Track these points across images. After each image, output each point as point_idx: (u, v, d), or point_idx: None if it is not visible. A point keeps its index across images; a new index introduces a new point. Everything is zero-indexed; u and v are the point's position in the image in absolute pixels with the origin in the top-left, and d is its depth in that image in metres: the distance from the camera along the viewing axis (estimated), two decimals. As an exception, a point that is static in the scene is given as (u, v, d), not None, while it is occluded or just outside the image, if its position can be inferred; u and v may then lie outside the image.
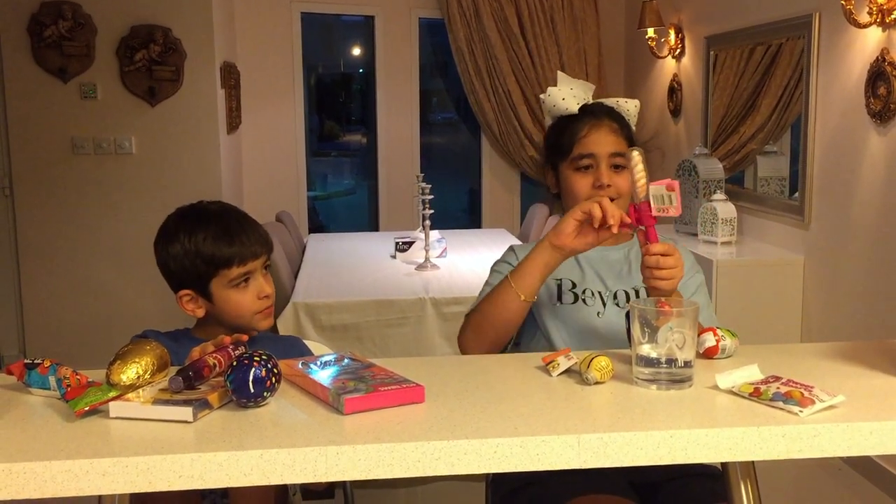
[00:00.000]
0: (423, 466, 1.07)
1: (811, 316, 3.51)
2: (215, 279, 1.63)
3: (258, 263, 1.66)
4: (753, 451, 1.12)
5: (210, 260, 1.62)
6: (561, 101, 1.77)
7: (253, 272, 1.66)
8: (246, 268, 1.64)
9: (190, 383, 1.21)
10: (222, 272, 1.62)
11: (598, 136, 1.71)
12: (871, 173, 3.09)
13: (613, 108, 1.79)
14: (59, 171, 4.23)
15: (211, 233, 1.63)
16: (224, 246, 1.62)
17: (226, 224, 1.65)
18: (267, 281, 1.68)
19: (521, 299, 1.59)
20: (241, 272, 1.63)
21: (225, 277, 1.63)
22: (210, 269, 1.63)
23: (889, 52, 2.91)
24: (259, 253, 1.66)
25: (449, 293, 3.31)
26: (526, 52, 5.28)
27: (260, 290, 1.65)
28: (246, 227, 1.67)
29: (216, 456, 1.04)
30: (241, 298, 1.64)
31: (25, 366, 1.26)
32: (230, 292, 1.64)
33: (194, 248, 1.62)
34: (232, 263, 1.62)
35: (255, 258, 1.65)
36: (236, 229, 1.65)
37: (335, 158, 6.48)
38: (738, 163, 4.21)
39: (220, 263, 1.62)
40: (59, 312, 4.32)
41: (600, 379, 1.29)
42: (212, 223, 1.65)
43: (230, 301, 1.64)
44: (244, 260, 1.63)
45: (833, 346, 1.50)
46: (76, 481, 1.02)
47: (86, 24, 4.14)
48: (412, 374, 1.28)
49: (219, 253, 1.62)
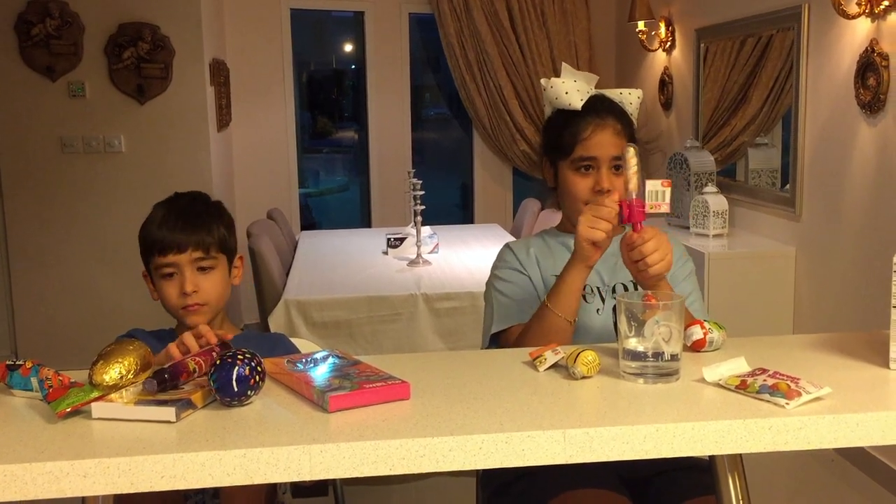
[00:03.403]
0: (408, 464, 1.06)
1: (803, 307, 3.52)
2: (151, 265, 1.65)
3: (184, 258, 1.61)
4: (740, 444, 1.11)
5: (144, 244, 1.64)
6: (564, 95, 1.73)
7: (179, 265, 1.62)
8: (167, 259, 1.61)
9: (164, 385, 1.20)
10: (153, 258, 1.63)
11: (601, 139, 1.69)
12: (861, 164, 3.09)
13: (617, 103, 1.76)
14: (49, 170, 4.21)
15: (156, 217, 1.63)
16: (154, 231, 1.62)
17: (172, 212, 1.64)
18: (197, 280, 1.62)
19: (567, 321, 1.58)
20: (162, 262, 1.61)
21: (154, 264, 1.63)
22: (145, 254, 1.64)
23: (878, 43, 2.91)
24: (183, 247, 1.61)
25: (441, 289, 3.30)
26: (517, 46, 5.26)
27: (181, 286, 1.61)
28: (187, 220, 1.63)
29: (198, 456, 1.03)
30: (165, 289, 1.63)
31: (7, 367, 1.25)
32: (159, 281, 1.64)
33: (141, 230, 1.65)
34: (153, 250, 1.62)
35: (180, 251, 1.61)
36: (171, 219, 1.62)
37: (327, 155, 6.47)
38: (730, 155, 4.21)
39: (149, 249, 1.63)
40: (50, 312, 4.30)
41: (587, 373, 1.29)
42: (164, 208, 1.65)
43: (159, 290, 1.65)
44: (165, 250, 1.61)
45: (820, 337, 1.50)
46: (57, 483, 1.01)
47: (73, 23, 4.12)
48: (399, 370, 1.27)
49: (148, 237, 1.63)
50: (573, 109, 1.73)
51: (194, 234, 1.62)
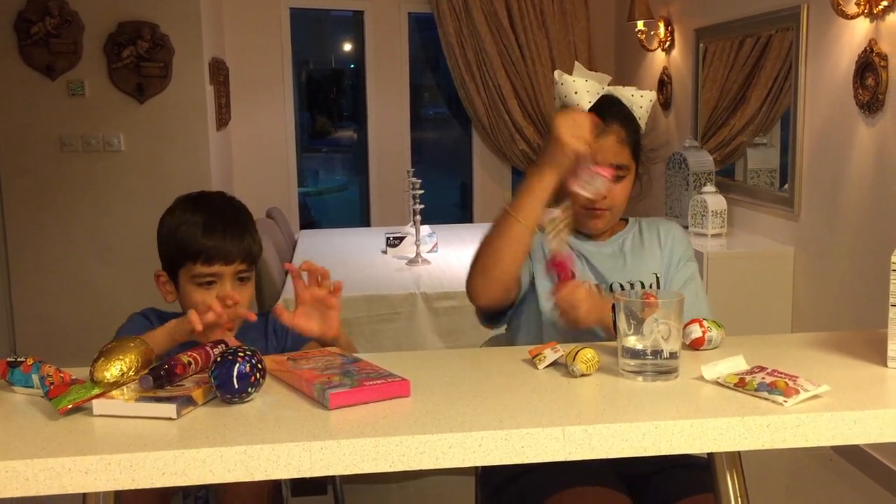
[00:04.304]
0: (408, 460, 1.07)
1: (802, 307, 3.52)
2: (183, 269, 1.59)
3: (228, 269, 1.58)
4: (738, 442, 1.12)
5: (180, 248, 1.58)
6: (573, 95, 1.72)
7: (220, 276, 1.58)
8: (211, 269, 1.57)
9: (161, 381, 1.20)
10: (188, 264, 1.58)
11: (602, 145, 1.67)
12: (859, 164, 3.09)
13: (626, 106, 1.74)
14: (48, 169, 4.21)
15: (192, 222, 1.58)
16: (197, 239, 1.56)
17: (211, 218, 1.59)
18: (239, 292, 1.58)
19: (524, 226, 1.57)
20: (204, 271, 1.57)
21: (190, 271, 1.58)
22: (179, 258, 1.59)
23: (877, 43, 2.92)
24: (231, 259, 1.57)
25: (440, 288, 3.30)
26: (516, 45, 5.27)
27: (223, 298, 1.52)
28: (232, 228, 1.59)
29: (199, 452, 1.03)
30: (199, 298, 1.56)
31: (8, 364, 1.26)
32: (192, 288, 1.59)
33: (173, 232, 1.59)
34: (198, 258, 1.56)
35: (225, 263, 1.57)
36: (217, 227, 1.58)
37: (326, 154, 6.47)
38: (729, 155, 4.21)
39: (187, 255, 1.57)
40: (49, 310, 4.30)
41: (586, 371, 1.29)
42: (199, 213, 1.60)
43: (191, 297, 1.59)
44: (211, 259, 1.56)
45: (818, 335, 1.51)
46: (58, 479, 1.01)
47: (73, 21, 4.12)
48: (399, 368, 1.28)
49: (189, 244, 1.57)
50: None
51: (241, 244, 1.59)
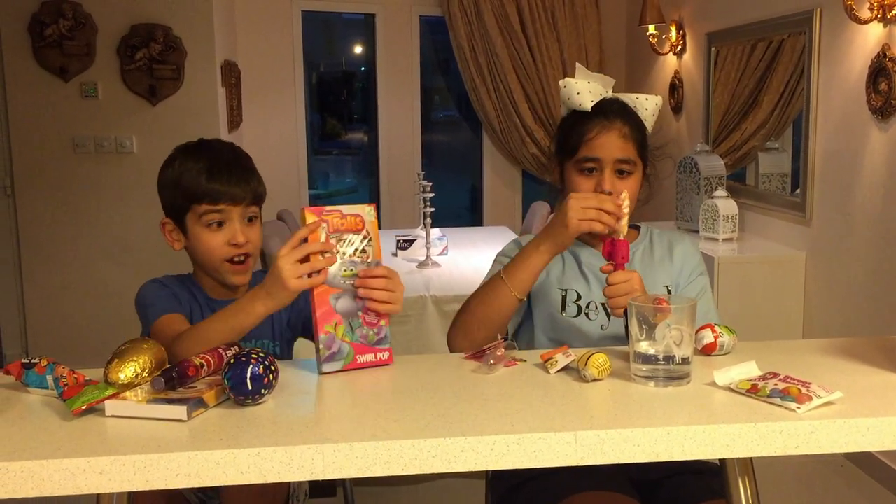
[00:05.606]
0: (420, 464, 1.07)
1: (813, 312, 3.51)
2: (190, 213, 1.61)
3: (236, 209, 1.60)
4: (751, 448, 1.11)
5: (186, 192, 1.60)
6: (576, 95, 1.71)
7: (228, 215, 1.60)
8: (218, 207, 1.59)
9: (173, 383, 1.20)
10: (195, 207, 1.59)
11: (605, 140, 1.67)
12: (872, 169, 3.08)
13: (630, 106, 1.73)
14: (61, 170, 4.23)
15: (197, 166, 1.60)
16: (203, 181, 1.58)
17: (215, 161, 1.61)
18: (247, 231, 1.61)
19: (515, 297, 1.58)
20: (212, 210, 1.59)
21: (196, 213, 1.60)
22: (185, 202, 1.60)
23: (890, 48, 2.90)
24: (238, 198, 1.60)
25: (450, 291, 3.30)
26: (527, 49, 5.27)
27: (232, 237, 1.58)
28: (235, 169, 1.62)
29: (213, 454, 1.04)
30: (210, 240, 1.59)
31: (23, 365, 1.27)
32: (202, 230, 1.60)
33: (178, 177, 1.61)
34: (204, 200, 1.58)
35: (233, 202, 1.59)
36: (222, 168, 1.60)
37: (337, 157, 6.47)
38: (740, 159, 4.20)
39: (193, 197, 1.59)
40: (61, 311, 4.33)
41: (598, 376, 1.29)
42: (202, 157, 1.62)
43: (200, 240, 1.61)
44: (217, 199, 1.58)
45: (831, 342, 1.50)
46: (73, 480, 1.02)
47: (86, 23, 4.14)
48: (409, 371, 1.28)
49: (195, 186, 1.58)
50: (583, 110, 1.73)
51: (248, 185, 1.61)
